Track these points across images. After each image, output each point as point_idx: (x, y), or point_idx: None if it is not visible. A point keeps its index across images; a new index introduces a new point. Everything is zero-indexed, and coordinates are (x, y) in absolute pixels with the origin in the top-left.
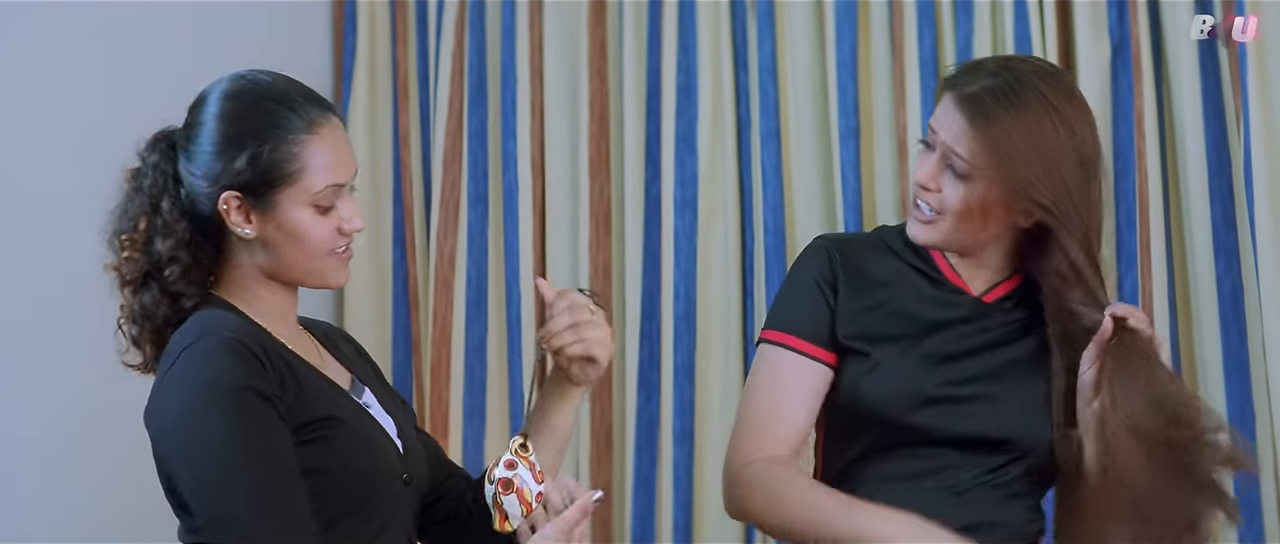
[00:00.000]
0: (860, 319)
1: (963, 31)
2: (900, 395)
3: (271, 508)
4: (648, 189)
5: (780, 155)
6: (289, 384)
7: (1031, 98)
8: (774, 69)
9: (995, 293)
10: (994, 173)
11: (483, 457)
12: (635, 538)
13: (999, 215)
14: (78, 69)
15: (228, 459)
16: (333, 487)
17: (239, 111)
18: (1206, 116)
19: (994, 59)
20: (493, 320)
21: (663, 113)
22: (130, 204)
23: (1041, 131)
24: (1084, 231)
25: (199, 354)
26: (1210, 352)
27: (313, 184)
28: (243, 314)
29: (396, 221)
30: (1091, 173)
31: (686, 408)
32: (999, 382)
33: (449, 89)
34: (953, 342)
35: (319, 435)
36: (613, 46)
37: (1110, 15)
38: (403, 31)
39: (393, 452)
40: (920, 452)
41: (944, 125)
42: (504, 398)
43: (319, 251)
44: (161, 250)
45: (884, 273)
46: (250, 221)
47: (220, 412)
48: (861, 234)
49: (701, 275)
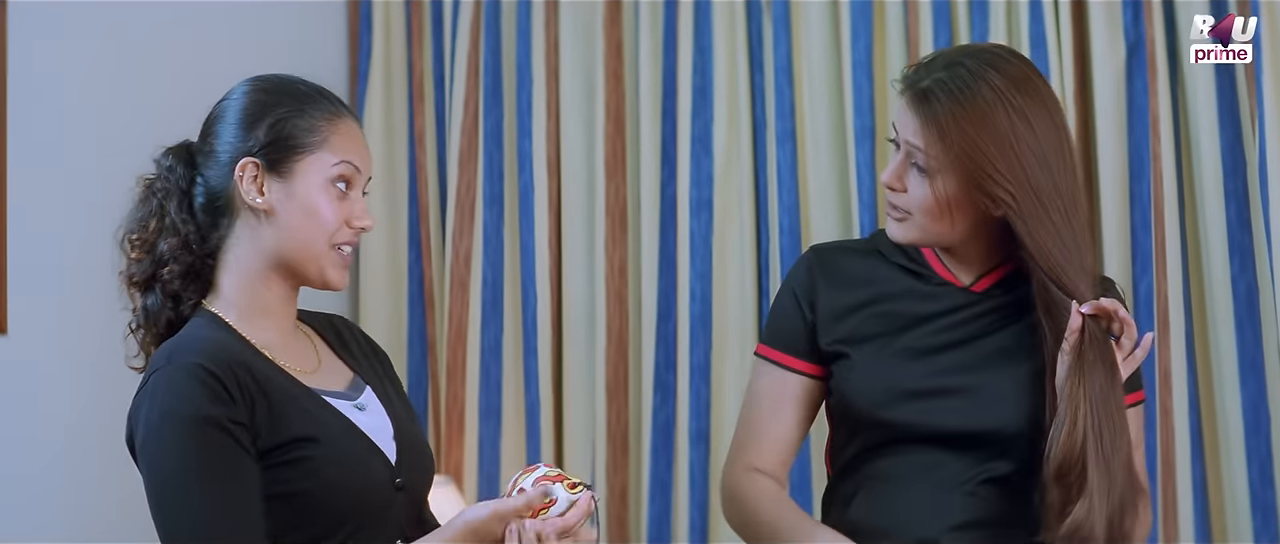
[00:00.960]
0: (842, 324)
1: (978, 32)
2: (876, 391)
3: (214, 533)
4: (663, 190)
5: (796, 156)
6: (258, 406)
7: (982, 88)
8: (789, 70)
9: (985, 282)
10: (951, 167)
11: (499, 456)
12: (651, 538)
13: (966, 208)
14: (91, 68)
15: (177, 485)
16: (314, 506)
17: (265, 89)
18: (1221, 117)
19: (947, 52)
20: (508, 321)
21: (678, 113)
22: (141, 209)
23: (993, 122)
24: (1054, 220)
25: (164, 381)
26: (1225, 353)
27: (329, 157)
28: (228, 327)
29: (412, 222)
30: (1057, 159)
31: (702, 409)
32: (986, 371)
33: (464, 89)
34: (936, 334)
35: (294, 457)
36: (628, 47)
37: (1125, 16)
38: (418, 32)
39: (379, 461)
40: (909, 449)
41: (902, 124)
42: (520, 398)
43: (325, 233)
44: (164, 250)
45: (868, 276)
46: (263, 193)
47: (174, 440)
48: (853, 240)
49: (717, 276)
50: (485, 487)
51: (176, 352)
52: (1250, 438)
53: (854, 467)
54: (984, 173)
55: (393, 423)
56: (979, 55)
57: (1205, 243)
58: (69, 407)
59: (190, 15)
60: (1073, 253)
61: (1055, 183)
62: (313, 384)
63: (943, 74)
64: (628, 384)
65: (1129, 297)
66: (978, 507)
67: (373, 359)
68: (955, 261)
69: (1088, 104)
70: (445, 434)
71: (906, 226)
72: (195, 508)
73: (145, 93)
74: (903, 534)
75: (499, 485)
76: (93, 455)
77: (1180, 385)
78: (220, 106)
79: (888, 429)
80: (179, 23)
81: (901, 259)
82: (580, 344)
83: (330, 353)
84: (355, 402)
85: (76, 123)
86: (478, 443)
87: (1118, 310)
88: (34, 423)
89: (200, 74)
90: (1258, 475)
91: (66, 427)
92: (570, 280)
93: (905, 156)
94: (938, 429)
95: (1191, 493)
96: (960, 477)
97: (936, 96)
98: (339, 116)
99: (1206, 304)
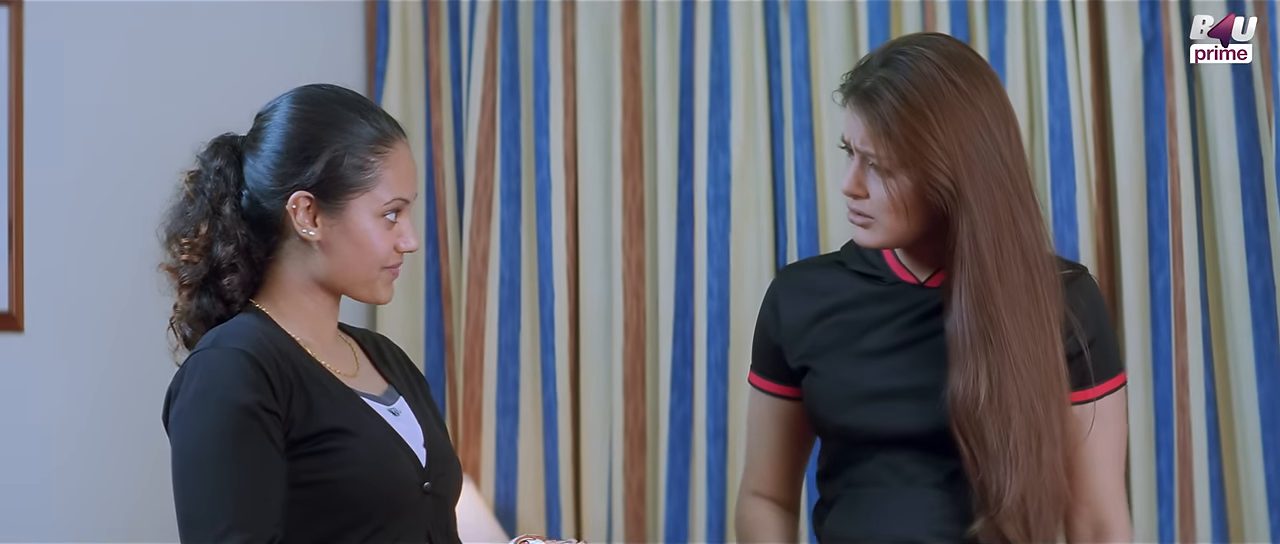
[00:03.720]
0: (804, 339)
1: (995, 29)
2: (834, 397)
3: (228, 517)
4: (681, 187)
5: (814, 153)
6: (297, 397)
7: (922, 68)
8: (807, 66)
9: (940, 276)
10: (902, 163)
11: (516, 454)
12: (669, 536)
13: (920, 203)
14: (108, 66)
15: (199, 465)
16: (341, 497)
17: (313, 115)
18: (1238, 114)
19: (882, 49)
20: (526, 318)
21: (696, 110)
22: (190, 207)
23: (937, 100)
24: (995, 197)
25: (205, 361)
26: (1242, 349)
27: (383, 195)
28: (273, 323)
29: (429, 219)
30: (1001, 131)
31: (720, 406)
32: (941, 367)
33: (482, 87)
34: (892, 335)
35: (326, 447)
36: (646, 44)
37: (1142, 12)
38: (435, 30)
39: (409, 460)
40: (876, 453)
41: (851, 130)
42: (537, 396)
43: (375, 263)
44: (222, 256)
45: (828, 287)
46: (316, 224)
47: (206, 420)
48: (820, 256)
49: (735, 273)
50: (502, 485)
51: (224, 336)
52: (1267, 433)
53: (830, 477)
54: (926, 160)
55: (425, 432)
56: (914, 42)
57: (1222, 239)
58: (85, 405)
59: (207, 13)
60: (1013, 237)
61: (1001, 154)
62: (350, 385)
63: (883, 71)
64: (645, 381)
65: (1145, 294)
66: (951, 504)
67: (411, 377)
68: (912, 259)
69: (1104, 101)
70: (463, 432)
71: (872, 231)
72: (214, 490)
73: (161, 90)
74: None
75: (516, 484)
76: (108, 454)
77: (1197, 382)
78: (270, 124)
79: (850, 434)
80: (196, 20)
81: (860, 265)
82: (597, 341)
83: (369, 363)
84: (390, 407)
85: (94, 121)
86: (495, 441)
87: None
88: (50, 421)
89: (217, 71)
90: (1275, 471)
91: (82, 425)
92: (587, 277)
93: (861, 161)
94: (898, 431)
95: (1208, 489)
96: (930, 476)
97: (880, 93)
98: (390, 147)
99: (1223, 300)
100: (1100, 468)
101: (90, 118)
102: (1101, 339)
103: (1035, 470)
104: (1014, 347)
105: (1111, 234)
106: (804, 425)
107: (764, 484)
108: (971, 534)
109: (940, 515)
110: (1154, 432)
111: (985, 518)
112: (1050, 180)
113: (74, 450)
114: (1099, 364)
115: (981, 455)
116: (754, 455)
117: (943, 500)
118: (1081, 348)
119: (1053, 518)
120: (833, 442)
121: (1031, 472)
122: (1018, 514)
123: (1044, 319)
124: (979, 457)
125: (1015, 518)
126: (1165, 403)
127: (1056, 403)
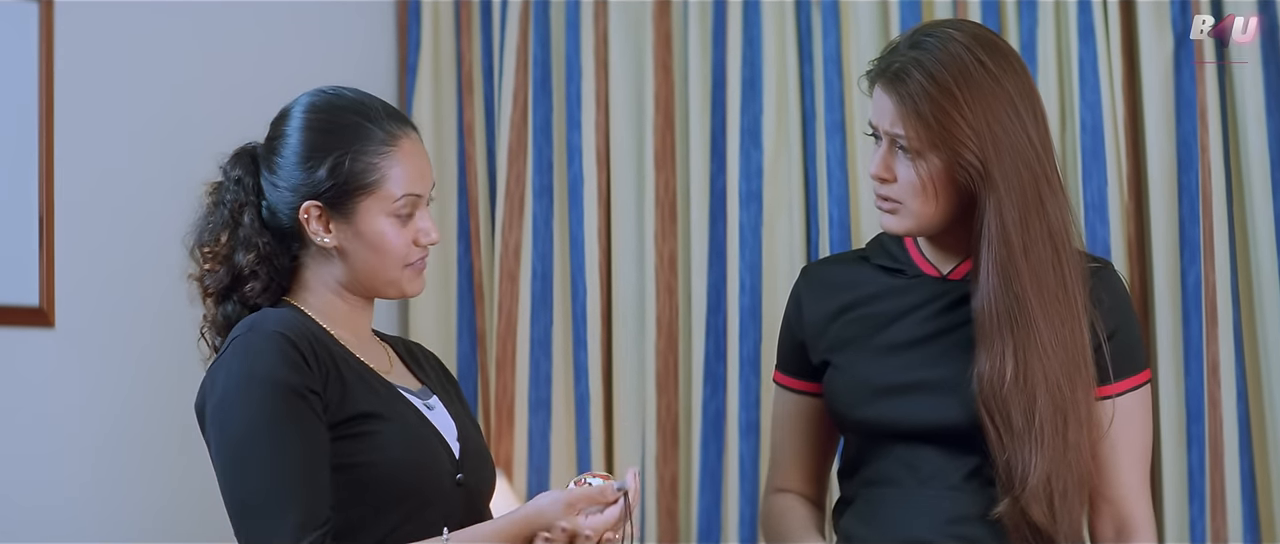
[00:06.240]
0: (826, 335)
1: (1026, 24)
2: (852, 392)
3: (285, 496)
4: (713, 182)
5: (845, 148)
6: (332, 380)
7: (950, 49)
8: (839, 61)
9: (962, 269)
10: (931, 143)
11: (548, 449)
12: (702, 530)
13: (949, 185)
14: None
15: (251, 446)
16: (374, 482)
17: (320, 124)
18: (1269, 108)
19: (908, 33)
20: (558, 313)
21: (728, 105)
22: (212, 217)
23: (965, 79)
24: (1022, 178)
25: (243, 346)
26: (1274, 344)
27: (391, 193)
28: (307, 315)
29: (461, 215)
30: (1027, 107)
31: (753, 401)
32: (959, 362)
33: (514, 82)
34: (913, 328)
35: (359, 431)
36: (677, 39)
37: (1173, 7)
38: (467, 25)
39: (443, 450)
40: (892, 448)
41: (879, 113)
42: (569, 390)
43: (395, 262)
44: (243, 264)
45: (850, 282)
46: (330, 231)
47: (249, 403)
48: (845, 252)
49: (767, 268)
50: (534, 479)
51: (259, 321)
52: None
53: (849, 474)
54: (955, 139)
55: (459, 428)
56: (941, 25)
57: (1253, 234)
58: (116, 400)
59: (238, 12)
60: (1041, 223)
61: (1028, 135)
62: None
63: (911, 53)
64: (677, 376)
65: (1176, 288)
66: (966, 502)
67: (444, 380)
68: (936, 250)
69: (1136, 96)
70: (495, 427)
71: (900, 217)
72: (269, 469)
73: (192, 89)
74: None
75: (548, 479)
76: (138, 450)
77: (1228, 376)
78: (282, 127)
79: (866, 428)
80: (227, 19)
81: (883, 259)
82: (630, 336)
83: (402, 364)
84: (424, 402)
85: (124, 119)
86: (527, 435)
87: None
88: (81, 416)
89: (248, 70)
90: None
91: (113, 421)
92: (620, 272)
93: (889, 144)
94: (914, 425)
95: (1239, 484)
96: (948, 475)
97: (909, 73)
98: (396, 143)
99: (1254, 295)
100: (1123, 466)
101: (121, 115)
102: (1123, 334)
103: (1061, 451)
104: (1040, 326)
105: (1143, 228)
106: (829, 423)
107: (789, 482)
108: (996, 516)
109: (952, 517)
110: (1185, 427)
111: (1010, 499)
112: (1082, 174)
113: (103, 445)
114: (1119, 360)
115: (1007, 435)
116: (779, 454)
117: (956, 502)
118: (1101, 341)
119: (1078, 500)
120: (852, 437)
121: (1057, 452)
122: (1043, 495)
123: (1071, 300)
124: (1005, 436)
125: (1040, 498)
126: (1196, 398)
127: (1083, 384)
